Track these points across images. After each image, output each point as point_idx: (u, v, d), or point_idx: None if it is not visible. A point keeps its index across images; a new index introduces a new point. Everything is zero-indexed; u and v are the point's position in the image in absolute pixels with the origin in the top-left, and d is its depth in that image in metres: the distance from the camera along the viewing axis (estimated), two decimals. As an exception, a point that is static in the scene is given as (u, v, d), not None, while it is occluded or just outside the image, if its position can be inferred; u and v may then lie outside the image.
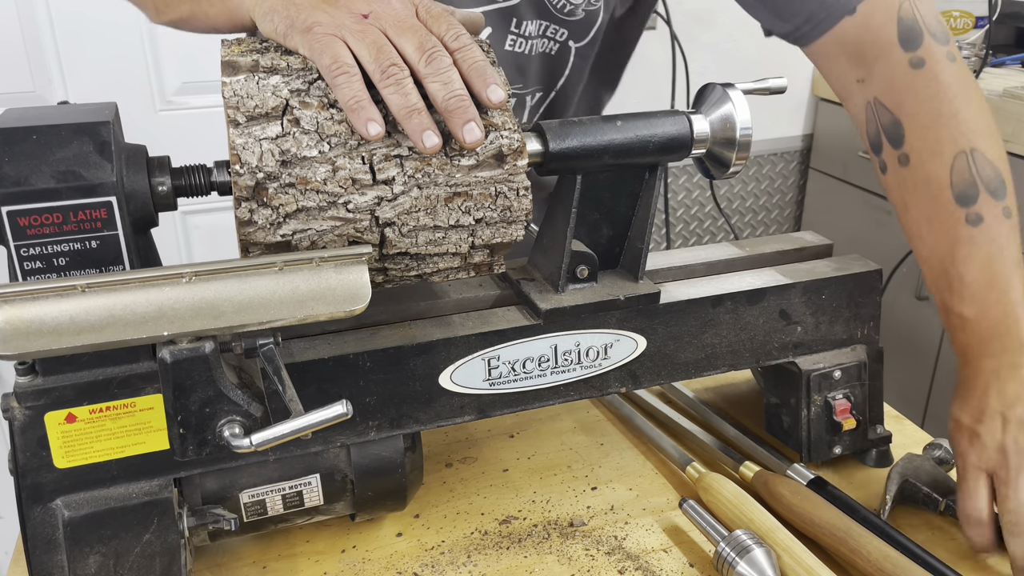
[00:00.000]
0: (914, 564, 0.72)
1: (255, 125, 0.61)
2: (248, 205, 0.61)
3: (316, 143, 0.61)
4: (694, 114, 0.75)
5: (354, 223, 0.63)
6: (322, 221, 0.62)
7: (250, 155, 0.60)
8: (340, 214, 0.62)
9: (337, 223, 0.63)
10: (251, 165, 0.60)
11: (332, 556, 0.79)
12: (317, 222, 0.62)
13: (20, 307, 0.54)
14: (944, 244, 0.78)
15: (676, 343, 0.81)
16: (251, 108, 0.61)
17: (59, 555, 0.66)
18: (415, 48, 0.61)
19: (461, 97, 0.60)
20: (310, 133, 0.61)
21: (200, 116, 1.84)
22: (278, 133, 0.61)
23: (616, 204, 0.78)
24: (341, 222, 0.63)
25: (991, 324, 0.74)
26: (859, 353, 0.88)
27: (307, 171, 0.61)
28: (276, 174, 0.60)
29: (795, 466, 0.86)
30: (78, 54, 1.75)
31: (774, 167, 2.52)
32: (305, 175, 0.61)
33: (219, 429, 0.59)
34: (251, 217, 0.61)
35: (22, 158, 0.57)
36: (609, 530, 0.82)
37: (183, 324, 0.56)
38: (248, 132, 0.60)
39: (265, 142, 0.60)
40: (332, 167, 0.61)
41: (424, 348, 0.73)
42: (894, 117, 0.79)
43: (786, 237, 0.95)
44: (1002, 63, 2.06)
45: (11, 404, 0.63)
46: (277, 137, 0.61)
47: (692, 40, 1.97)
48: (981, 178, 0.77)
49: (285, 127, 0.61)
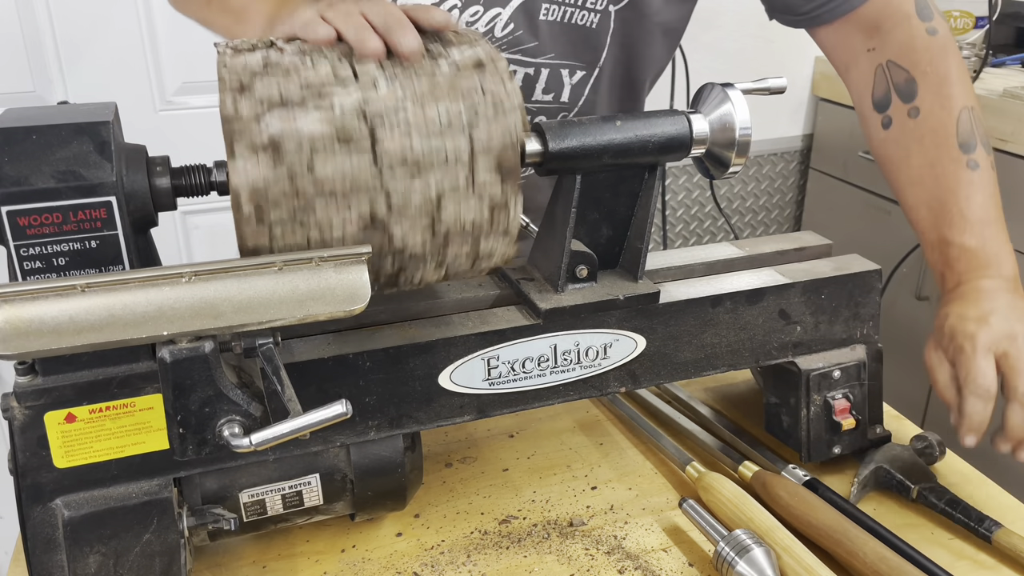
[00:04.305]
0: (910, 565, 0.72)
1: (239, 56, 0.64)
2: (232, 95, 0.61)
3: (296, 54, 0.65)
4: (693, 114, 0.75)
5: (342, 125, 0.62)
6: (310, 122, 0.61)
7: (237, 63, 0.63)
8: (327, 116, 0.62)
9: (326, 127, 0.62)
10: (236, 68, 0.62)
11: (332, 556, 0.79)
12: (304, 121, 0.61)
13: (20, 307, 0.54)
14: (947, 185, 0.87)
15: (676, 343, 0.81)
16: (238, 46, 0.65)
17: (59, 555, 0.66)
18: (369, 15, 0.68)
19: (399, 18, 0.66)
20: (290, 53, 0.65)
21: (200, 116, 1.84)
22: (263, 56, 0.64)
23: (616, 204, 0.79)
24: (329, 125, 0.62)
25: (989, 254, 0.84)
26: (859, 353, 0.88)
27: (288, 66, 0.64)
28: (260, 73, 0.63)
29: (790, 467, 0.86)
30: (78, 54, 1.75)
31: (774, 167, 2.52)
32: (286, 67, 0.63)
33: (219, 429, 0.59)
34: (236, 109, 0.61)
35: (22, 158, 0.57)
36: (609, 530, 0.82)
37: (183, 324, 0.56)
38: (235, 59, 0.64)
39: (248, 55, 0.64)
40: (312, 65, 0.64)
41: (424, 348, 0.73)
42: (909, 75, 0.90)
43: (786, 237, 0.95)
44: (1002, 63, 2.06)
45: (11, 404, 0.63)
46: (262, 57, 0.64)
47: (692, 40, 1.96)
48: (977, 132, 0.88)
49: (267, 54, 0.65)
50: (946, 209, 0.87)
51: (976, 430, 0.79)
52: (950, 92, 0.89)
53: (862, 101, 0.96)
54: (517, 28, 0.96)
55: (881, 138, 0.94)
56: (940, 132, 0.88)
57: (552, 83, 1.00)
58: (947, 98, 0.89)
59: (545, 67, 0.99)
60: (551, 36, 0.98)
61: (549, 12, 0.96)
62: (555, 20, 0.97)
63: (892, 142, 0.92)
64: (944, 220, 0.87)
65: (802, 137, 2.51)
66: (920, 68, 0.90)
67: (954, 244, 0.86)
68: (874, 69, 0.94)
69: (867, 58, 0.95)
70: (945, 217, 0.86)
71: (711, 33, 2.19)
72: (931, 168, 0.88)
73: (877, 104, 0.93)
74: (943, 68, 0.90)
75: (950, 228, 0.86)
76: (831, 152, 2.43)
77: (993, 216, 0.86)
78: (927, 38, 0.91)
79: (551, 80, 1.00)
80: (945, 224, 0.86)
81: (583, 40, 0.99)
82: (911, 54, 0.91)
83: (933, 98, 0.89)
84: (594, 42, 1.00)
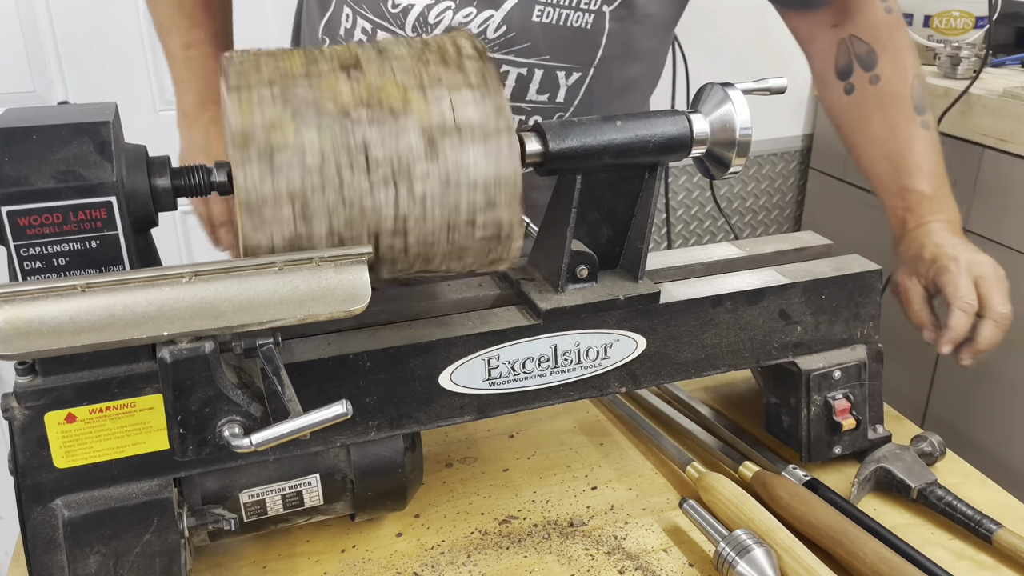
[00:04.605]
0: (910, 565, 0.72)
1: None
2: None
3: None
4: (694, 114, 0.75)
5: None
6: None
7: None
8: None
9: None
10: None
11: (332, 556, 0.79)
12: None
13: (20, 307, 0.54)
14: (905, 142, 1.00)
15: (676, 343, 0.81)
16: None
17: (59, 555, 0.66)
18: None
19: None
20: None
21: (200, 116, 1.84)
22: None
23: (616, 204, 0.78)
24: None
25: (942, 200, 0.98)
26: (859, 353, 0.88)
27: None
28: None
29: (790, 467, 0.86)
30: (78, 54, 1.75)
31: (774, 167, 2.52)
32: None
33: (219, 429, 0.59)
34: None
35: (22, 158, 0.57)
36: (609, 530, 0.82)
37: (183, 324, 0.56)
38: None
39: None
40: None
41: (424, 348, 0.73)
42: (870, 48, 1.03)
43: (786, 237, 0.95)
44: (1002, 63, 2.06)
45: (11, 404, 0.63)
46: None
47: (692, 40, 1.96)
48: (926, 97, 1.02)
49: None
50: (905, 161, 0.99)
51: (956, 341, 0.90)
52: (904, 63, 1.02)
53: (825, 70, 1.07)
54: (510, 30, 0.96)
55: (843, 103, 1.06)
56: (897, 97, 1.01)
57: (547, 84, 1.00)
58: (903, 68, 1.02)
59: (539, 68, 0.99)
60: (545, 38, 0.98)
61: (543, 14, 0.96)
62: (549, 22, 0.97)
63: (853, 106, 1.04)
64: (904, 171, 0.99)
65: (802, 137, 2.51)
66: (880, 42, 1.02)
67: (915, 191, 0.98)
68: (837, 42, 1.05)
69: (831, 32, 1.06)
70: (905, 168, 0.99)
71: (711, 33, 2.19)
72: (890, 128, 1.01)
73: (840, 72, 1.05)
74: (899, 41, 1.03)
75: (910, 177, 0.98)
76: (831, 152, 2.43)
77: (942, 170, 1.00)
78: (885, 16, 1.03)
79: (545, 81, 1.00)
80: (905, 174, 0.99)
81: (578, 41, 1.00)
82: (872, 30, 1.03)
83: (891, 67, 1.02)
84: (589, 43, 1.00)
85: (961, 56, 1.90)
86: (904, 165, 1.00)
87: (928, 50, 2.08)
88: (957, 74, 1.90)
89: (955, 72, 1.91)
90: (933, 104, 1.05)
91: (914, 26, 2.12)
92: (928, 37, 2.09)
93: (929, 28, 2.10)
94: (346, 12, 1.03)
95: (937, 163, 1.00)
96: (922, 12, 2.11)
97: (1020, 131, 1.72)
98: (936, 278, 0.92)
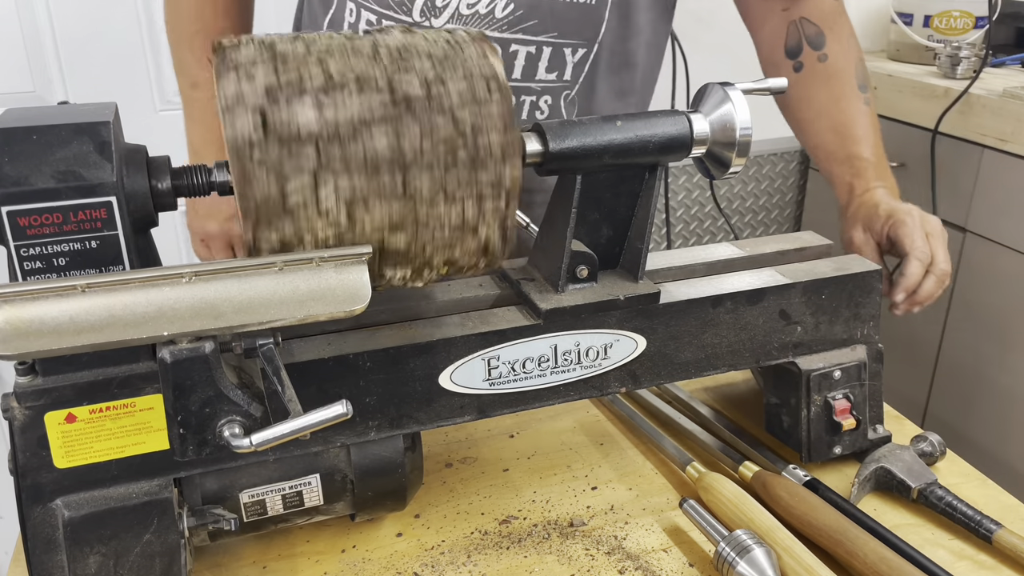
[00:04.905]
0: (910, 565, 0.72)
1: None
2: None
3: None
4: (694, 114, 0.75)
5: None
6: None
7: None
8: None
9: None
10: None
11: (332, 556, 0.79)
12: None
13: (20, 307, 0.54)
14: (850, 115, 1.08)
15: (676, 343, 0.81)
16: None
17: (59, 555, 0.66)
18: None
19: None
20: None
21: (200, 116, 1.84)
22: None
23: (616, 204, 0.78)
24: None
25: (883, 167, 1.06)
26: (859, 353, 0.88)
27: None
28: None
29: (790, 467, 0.86)
30: (78, 54, 1.75)
31: (774, 167, 2.52)
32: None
33: (219, 429, 0.59)
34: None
35: (22, 158, 0.57)
36: (609, 530, 0.82)
37: (183, 324, 0.56)
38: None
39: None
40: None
41: (424, 348, 0.73)
42: (819, 29, 1.11)
43: (786, 237, 0.95)
44: (1002, 63, 2.06)
45: (11, 404, 0.63)
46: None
47: (692, 40, 1.96)
48: (867, 78, 1.11)
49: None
50: (851, 131, 1.07)
51: (910, 289, 0.95)
52: (848, 45, 1.11)
53: (774, 51, 1.14)
54: (518, 8, 0.99)
55: (792, 81, 1.12)
56: (844, 74, 1.10)
57: (555, 61, 1.03)
58: (847, 49, 1.11)
59: (547, 45, 1.01)
60: (552, 15, 1.00)
61: None
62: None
63: (802, 83, 1.12)
64: (851, 140, 1.07)
65: (802, 137, 2.51)
66: (827, 24, 1.11)
67: (861, 158, 1.05)
68: (787, 24, 1.13)
69: (781, 16, 1.14)
70: (852, 138, 1.07)
71: (711, 33, 2.19)
72: (836, 102, 1.09)
73: (789, 51, 1.13)
74: (844, 27, 1.12)
75: (856, 145, 1.06)
76: (831, 152, 2.43)
77: (881, 144, 1.08)
78: (832, 2, 1.13)
79: (554, 58, 1.02)
80: (852, 143, 1.07)
81: (583, 16, 1.03)
82: (820, 14, 1.12)
83: (838, 48, 1.10)
84: (594, 18, 1.03)
85: (961, 56, 1.90)
86: (851, 135, 1.07)
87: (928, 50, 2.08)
88: (957, 74, 1.90)
89: (955, 72, 1.91)
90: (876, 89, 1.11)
91: (914, 26, 2.12)
92: (928, 37, 2.09)
93: (929, 28, 2.10)
94: (349, 7, 1.04)
95: (877, 138, 1.08)
96: (922, 12, 2.11)
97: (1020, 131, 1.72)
98: (892, 231, 0.97)
